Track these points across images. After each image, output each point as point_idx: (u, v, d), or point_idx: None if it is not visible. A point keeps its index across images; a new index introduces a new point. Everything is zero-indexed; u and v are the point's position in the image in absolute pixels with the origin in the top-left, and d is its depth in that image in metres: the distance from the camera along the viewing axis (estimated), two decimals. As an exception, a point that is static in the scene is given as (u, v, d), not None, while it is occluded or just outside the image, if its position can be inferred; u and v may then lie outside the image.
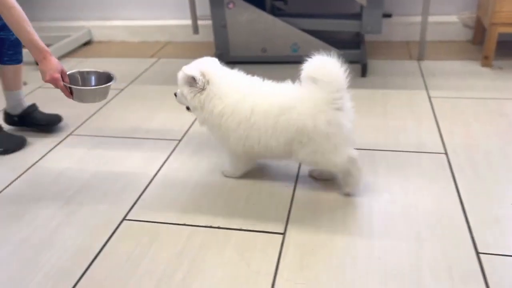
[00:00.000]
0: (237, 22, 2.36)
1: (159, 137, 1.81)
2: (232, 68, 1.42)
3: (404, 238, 1.21)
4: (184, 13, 2.92)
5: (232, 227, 1.29)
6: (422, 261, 1.13)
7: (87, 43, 3.04)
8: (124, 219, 1.36)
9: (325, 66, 1.23)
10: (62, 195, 1.49)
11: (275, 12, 2.46)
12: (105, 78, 1.58)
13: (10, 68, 1.80)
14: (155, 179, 1.55)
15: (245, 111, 1.31)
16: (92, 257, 1.22)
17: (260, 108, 1.30)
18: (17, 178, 1.60)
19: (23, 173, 1.62)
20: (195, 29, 2.49)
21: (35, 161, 1.70)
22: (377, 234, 1.23)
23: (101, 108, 2.10)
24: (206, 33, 2.74)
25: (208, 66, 1.36)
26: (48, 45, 2.92)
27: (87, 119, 2.00)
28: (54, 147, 1.79)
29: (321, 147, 1.28)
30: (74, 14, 3.11)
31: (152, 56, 2.74)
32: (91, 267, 1.19)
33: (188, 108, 1.44)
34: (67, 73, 1.53)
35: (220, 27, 2.38)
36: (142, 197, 1.46)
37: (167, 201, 1.43)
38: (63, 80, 1.49)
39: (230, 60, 2.46)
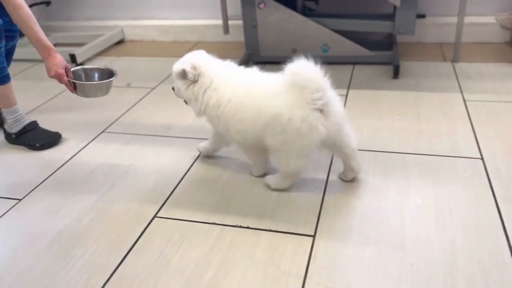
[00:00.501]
0: (267, 22, 2.36)
1: (190, 136, 1.83)
2: (262, 68, 1.42)
3: (438, 245, 1.18)
4: (214, 13, 2.94)
5: (262, 228, 1.29)
6: (456, 270, 1.10)
7: (120, 42, 3.10)
8: (155, 216, 1.38)
9: (303, 72, 1.24)
10: (95, 191, 1.53)
11: (306, 12, 2.45)
12: (107, 74, 1.69)
13: None
14: (185, 177, 1.56)
15: (239, 99, 1.35)
16: (125, 253, 1.24)
17: (251, 95, 1.34)
18: (52, 174, 1.64)
19: (58, 169, 1.67)
20: (226, 29, 2.51)
21: (69, 157, 1.74)
22: (409, 240, 1.20)
23: (133, 105, 2.14)
24: (236, 33, 2.75)
25: (198, 59, 1.41)
26: (83, 44, 3.00)
27: (120, 117, 2.04)
28: (88, 143, 1.83)
29: (290, 141, 1.30)
30: (108, 13, 3.18)
31: (182, 56, 2.76)
32: (123, 262, 1.21)
33: (186, 102, 1.49)
34: (71, 69, 1.64)
35: (250, 27, 2.39)
36: (173, 195, 1.48)
37: (197, 200, 1.44)
38: (67, 76, 1.59)
39: (260, 60, 2.47)
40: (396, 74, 2.22)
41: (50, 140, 1.84)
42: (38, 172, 1.65)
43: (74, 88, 1.63)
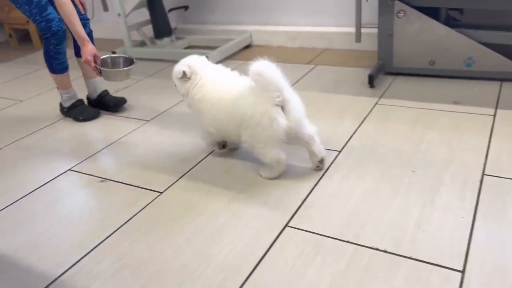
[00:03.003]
0: (405, 32, 2.23)
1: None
2: (394, 79, 1.33)
3: None
4: (345, 20, 2.89)
5: (401, 254, 1.20)
6: None
7: (247, 46, 3.20)
8: (286, 225, 1.37)
9: (264, 73, 1.43)
10: (229, 191, 1.57)
11: (449, 22, 2.27)
12: (129, 62, 2.07)
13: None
14: (316, 188, 1.53)
15: (214, 98, 1.60)
16: (258, 259, 1.25)
17: (224, 97, 1.58)
18: (190, 170, 1.73)
19: (195, 165, 1.75)
20: (358, 37, 2.43)
21: (206, 154, 1.82)
22: None
23: (261, 110, 2.17)
24: (367, 41, 2.67)
25: (194, 62, 1.68)
26: (214, 47, 3.14)
27: (249, 121, 2.08)
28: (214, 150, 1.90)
29: (256, 134, 1.51)
30: (237, 18, 3.30)
31: (309, 63, 2.76)
32: (257, 269, 1.22)
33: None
34: (101, 57, 2.02)
35: (386, 36, 2.28)
36: (303, 205, 1.45)
37: (329, 213, 1.40)
38: (95, 62, 1.97)
39: (392, 71, 2.36)
40: (555, 94, 1.95)
41: (90, 115, 2.29)
42: (175, 168, 1.76)
43: (100, 72, 2.00)
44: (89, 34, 2.24)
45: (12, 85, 3.00)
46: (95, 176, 1.76)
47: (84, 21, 2.19)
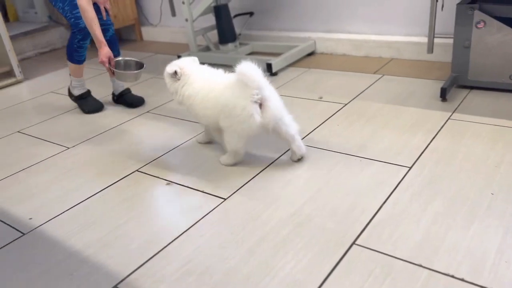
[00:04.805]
0: (484, 43, 2.10)
1: (386, 160, 1.73)
2: (468, 92, 1.25)
3: None
4: (414, 29, 2.78)
5: (481, 284, 1.12)
6: None
7: (311, 54, 3.16)
8: (354, 243, 1.32)
9: (247, 72, 1.60)
10: (292, 202, 1.54)
11: (534, 34, 2.11)
12: (139, 66, 2.31)
13: None
14: (384, 205, 1.47)
15: (202, 94, 1.77)
16: (324, 276, 1.21)
17: (210, 93, 1.75)
18: (252, 178, 1.72)
19: (257, 174, 1.75)
20: (430, 48, 2.32)
21: (269, 163, 1.81)
22: None
23: (326, 120, 2.13)
24: (438, 52, 2.55)
25: (184, 63, 1.85)
26: (277, 54, 3.13)
27: (313, 130, 2.05)
28: (285, 152, 1.87)
29: (233, 124, 1.69)
30: (301, 25, 3.27)
31: (375, 72, 2.67)
32: (323, 287, 1.18)
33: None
34: (115, 59, 2.27)
35: (462, 47, 2.16)
36: (371, 222, 1.40)
37: (399, 234, 1.33)
38: (110, 64, 2.21)
39: (467, 84, 2.23)
40: None
41: (94, 107, 2.57)
42: (239, 175, 1.76)
43: (112, 73, 2.25)
44: (112, 36, 2.51)
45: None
46: (161, 178, 1.80)
47: (107, 26, 2.47)
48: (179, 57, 3.23)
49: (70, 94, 2.65)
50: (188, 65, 1.86)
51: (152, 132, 2.26)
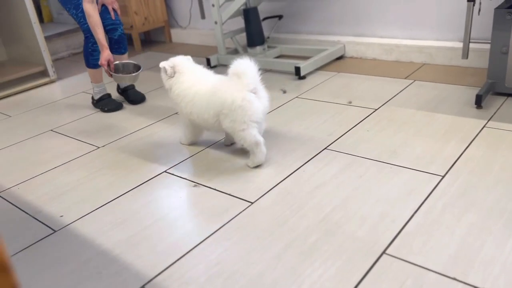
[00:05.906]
0: (522, 49, 2.03)
1: (418, 168, 1.68)
2: (505, 100, 1.19)
3: None
4: (447, 34, 2.71)
5: (519, 301, 1.07)
6: None
7: (340, 57, 3.12)
8: (384, 252, 1.29)
9: (243, 66, 1.71)
10: (319, 209, 1.52)
11: None
12: (137, 68, 2.45)
13: (115, 57, 2.58)
14: (416, 214, 1.43)
15: (191, 93, 1.87)
16: (353, 286, 1.18)
17: (200, 92, 1.84)
18: (278, 184, 1.71)
19: (283, 180, 1.73)
20: (465, 53, 2.25)
21: (295, 169, 1.79)
22: None
23: (355, 125, 2.09)
24: (472, 57, 2.48)
25: (179, 61, 1.94)
26: (305, 57, 3.11)
27: (342, 135, 2.02)
28: (311, 158, 1.85)
29: (237, 117, 1.72)
30: (330, 29, 3.24)
31: (406, 77, 2.62)
32: (352, 296, 1.15)
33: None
34: (114, 62, 2.42)
35: (499, 53, 2.09)
36: (402, 232, 1.36)
37: (431, 244, 1.29)
38: (109, 66, 2.37)
39: (503, 91, 2.15)
40: None
41: (113, 107, 2.65)
42: (266, 179, 1.75)
43: (111, 75, 2.39)
44: (121, 36, 2.61)
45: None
46: (189, 180, 1.81)
47: (116, 26, 2.58)
48: (207, 60, 3.26)
49: (93, 100, 2.75)
50: (181, 63, 1.94)
51: (179, 134, 2.27)
